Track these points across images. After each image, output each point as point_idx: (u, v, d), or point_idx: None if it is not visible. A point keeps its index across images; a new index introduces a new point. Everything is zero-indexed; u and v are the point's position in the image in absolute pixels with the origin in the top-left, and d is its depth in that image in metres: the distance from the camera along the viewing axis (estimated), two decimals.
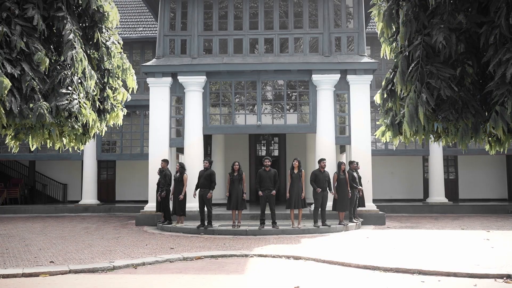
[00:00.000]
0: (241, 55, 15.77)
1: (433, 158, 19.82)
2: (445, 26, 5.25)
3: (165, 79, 15.55)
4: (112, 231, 13.54)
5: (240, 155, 21.04)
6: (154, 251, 9.74)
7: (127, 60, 6.73)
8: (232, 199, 12.82)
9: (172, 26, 16.12)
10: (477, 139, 5.63)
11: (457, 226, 14.18)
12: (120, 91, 6.82)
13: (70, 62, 5.35)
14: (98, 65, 6.36)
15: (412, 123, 5.30)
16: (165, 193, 13.71)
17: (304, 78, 15.63)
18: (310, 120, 15.53)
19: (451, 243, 10.71)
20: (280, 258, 9.12)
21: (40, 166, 23.53)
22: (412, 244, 10.60)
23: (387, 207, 18.40)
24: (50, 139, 6.09)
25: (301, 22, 15.93)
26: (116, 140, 20.55)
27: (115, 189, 23.48)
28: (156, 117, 15.57)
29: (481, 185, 22.32)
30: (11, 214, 19.81)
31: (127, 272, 7.92)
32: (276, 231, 12.46)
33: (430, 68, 5.34)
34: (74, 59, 5.30)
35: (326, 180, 13.00)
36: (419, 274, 7.48)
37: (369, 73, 15.34)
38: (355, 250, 9.69)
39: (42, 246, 10.57)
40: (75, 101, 5.49)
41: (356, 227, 13.60)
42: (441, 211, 18.94)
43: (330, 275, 7.60)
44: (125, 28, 21.74)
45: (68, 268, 7.80)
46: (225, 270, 8.02)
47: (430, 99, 5.18)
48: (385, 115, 6.46)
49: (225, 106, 16.03)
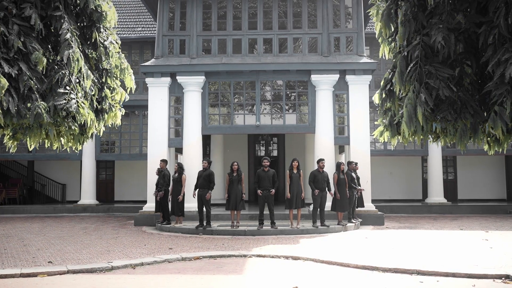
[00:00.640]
0: (240, 55, 15.76)
1: (432, 158, 19.82)
2: (444, 26, 5.23)
3: (164, 79, 15.53)
4: (110, 231, 13.52)
5: (239, 155, 21.02)
6: (153, 252, 9.73)
7: (125, 60, 6.69)
8: (231, 200, 12.81)
9: (171, 26, 16.10)
10: (476, 140, 5.61)
11: (456, 227, 14.18)
12: (118, 91, 6.78)
13: (67, 61, 5.32)
14: (96, 65, 6.31)
15: (410, 123, 5.28)
16: (162, 193, 13.69)
17: (303, 78, 15.61)
18: (309, 120, 15.52)
19: (450, 243, 10.70)
20: (278, 258, 9.11)
21: (39, 166, 23.50)
22: (411, 244, 10.60)
23: (385, 207, 18.39)
24: (48, 139, 6.05)
25: (300, 22, 15.91)
26: (115, 140, 20.59)
27: (114, 189, 23.43)
28: (155, 117, 15.55)
29: (480, 186, 22.29)
30: (10, 214, 19.77)
31: (126, 272, 7.90)
32: (274, 231, 12.45)
33: (428, 68, 5.33)
34: (71, 58, 5.26)
35: (325, 181, 12.98)
36: (417, 274, 7.47)
37: (368, 74, 15.33)
38: (354, 251, 9.68)
39: (40, 246, 10.55)
40: (73, 100, 5.46)
41: (355, 228, 13.60)
42: (440, 212, 18.94)
43: (329, 276, 7.59)
44: (124, 28, 21.72)
45: (66, 268, 7.78)
46: (224, 271, 8.01)
47: (428, 99, 5.16)
48: (384, 115, 6.43)
49: (224, 106, 16.01)
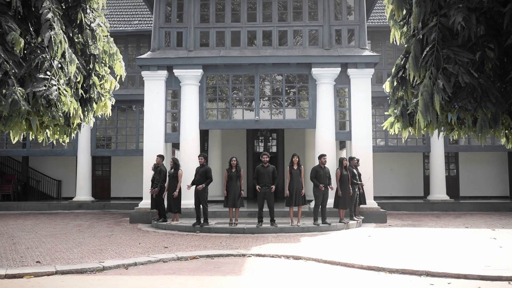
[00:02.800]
0: (238, 48, 15.31)
1: (434, 154, 19.43)
2: (464, 6, 4.75)
3: (161, 73, 15.07)
4: (105, 229, 13.10)
5: (237, 151, 20.56)
6: (147, 251, 9.31)
7: (114, 45, 6.16)
8: (229, 196, 12.42)
9: (168, 18, 15.63)
10: (497, 132, 5.16)
11: (460, 224, 13.79)
12: (108, 79, 6.26)
13: (48, 44, 4.82)
14: (83, 50, 5.79)
15: (426, 113, 4.78)
16: (158, 189, 13.27)
17: (303, 72, 15.17)
18: (310, 115, 15.10)
19: (457, 242, 10.30)
20: (279, 258, 8.70)
21: (34, 162, 23.07)
22: (416, 243, 10.19)
23: (387, 204, 18.03)
24: (31, 130, 5.57)
25: (301, 14, 15.46)
26: (111, 136, 20.23)
27: (110, 185, 23.07)
28: (151, 112, 15.11)
29: (482, 183, 21.95)
30: (3, 211, 19.37)
31: (118, 273, 7.48)
32: (274, 229, 12.04)
33: (447, 52, 4.84)
34: (53, 40, 4.76)
35: (327, 177, 12.57)
36: (426, 275, 7.05)
37: (371, 67, 14.89)
38: (358, 250, 9.28)
39: (30, 244, 10.12)
40: (54, 87, 4.94)
41: (357, 225, 13.20)
42: (443, 209, 18.59)
43: (333, 277, 7.18)
44: (120, 21, 21.29)
45: (54, 269, 7.35)
46: (221, 271, 7.59)
47: (447, 86, 4.67)
48: (395, 105, 5.95)
49: (222, 100, 15.56)
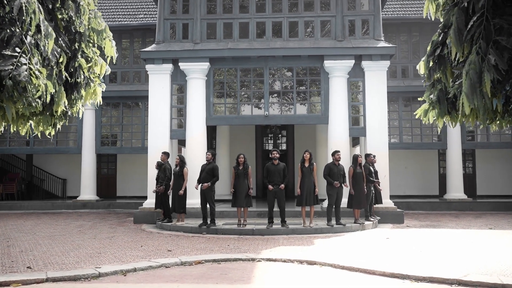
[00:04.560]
0: (247, 40, 14.60)
1: (451, 151, 18.59)
2: None
3: (166, 66, 14.41)
4: (107, 229, 12.47)
5: (246, 148, 19.89)
6: (149, 254, 8.64)
7: (102, 20, 5.40)
8: (237, 196, 11.73)
9: (173, 9, 14.96)
10: None
11: (483, 225, 12.98)
12: (97, 62, 5.54)
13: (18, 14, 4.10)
14: (67, 27, 5.08)
15: (473, 96, 4.03)
16: (163, 187, 12.62)
17: (315, 65, 14.43)
18: (322, 110, 14.36)
19: (484, 245, 9.51)
20: (292, 262, 7.99)
21: (38, 160, 22.59)
22: (440, 246, 9.42)
23: (402, 203, 17.21)
24: (7, 121, 4.88)
25: (312, 4, 14.70)
26: (116, 133, 19.71)
27: (116, 184, 22.55)
28: (156, 107, 14.45)
29: (500, 181, 21.05)
30: (6, 210, 18.86)
31: (114, 280, 6.80)
32: (286, 231, 11.34)
33: (499, 22, 4.04)
34: (24, 10, 4.06)
35: (341, 174, 11.85)
36: (458, 285, 6.27)
37: (386, 59, 14.11)
38: (376, 254, 8.54)
39: (25, 247, 9.49)
40: (24, 66, 4.21)
41: (373, 226, 12.45)
42: (460, 208, 17.80)
43: (352, 285, 6.46)
44: (125, 15, 20.74)
45: (45, 276, 6.68)
46: (228, 278, 6.90)
47: (500, 62, 3.91)
48: (431, 89, 5.17)
49: (230, 95, 14.88)
